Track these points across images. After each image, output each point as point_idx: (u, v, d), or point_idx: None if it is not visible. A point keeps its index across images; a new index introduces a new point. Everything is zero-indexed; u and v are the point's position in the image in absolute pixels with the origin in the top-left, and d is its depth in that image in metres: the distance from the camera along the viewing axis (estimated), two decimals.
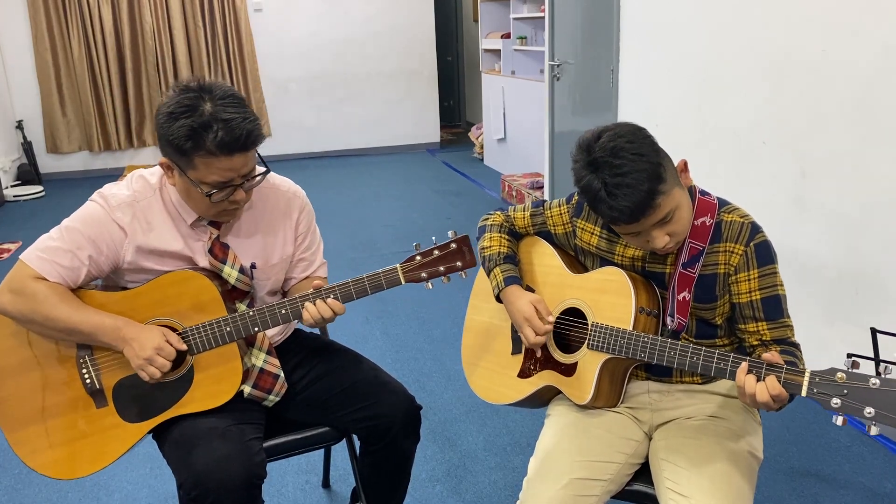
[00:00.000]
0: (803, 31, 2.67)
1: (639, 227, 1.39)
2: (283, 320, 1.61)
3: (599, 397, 1.54)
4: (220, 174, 1.49)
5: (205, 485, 1.47)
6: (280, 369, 1.72)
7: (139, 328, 1.56)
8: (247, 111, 1.48)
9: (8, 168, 6.84)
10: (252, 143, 1.49)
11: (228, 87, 1.50)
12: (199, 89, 1.47)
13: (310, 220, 1.82)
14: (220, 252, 1.65)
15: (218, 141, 1.44)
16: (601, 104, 4.22)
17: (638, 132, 1.39)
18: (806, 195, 2.76)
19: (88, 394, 1.60)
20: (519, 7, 6.31)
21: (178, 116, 1.44)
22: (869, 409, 1.16)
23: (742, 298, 1.47)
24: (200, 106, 1.45)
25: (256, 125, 1.49)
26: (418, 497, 2.29)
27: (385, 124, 8.31)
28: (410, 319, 3.67)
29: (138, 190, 1.62)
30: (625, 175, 1.33)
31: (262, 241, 1.72)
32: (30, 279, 1.54)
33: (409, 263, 1.62)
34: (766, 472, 2.36)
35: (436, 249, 1.62)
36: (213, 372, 1.61)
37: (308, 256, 1.83)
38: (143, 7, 7.15)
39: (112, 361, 1.60)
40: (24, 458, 1.59)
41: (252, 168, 1.55)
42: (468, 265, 1.62)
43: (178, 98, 1.47)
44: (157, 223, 1.61)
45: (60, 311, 1.53)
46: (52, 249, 1.56)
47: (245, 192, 1.56)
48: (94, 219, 1.58)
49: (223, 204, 1.55)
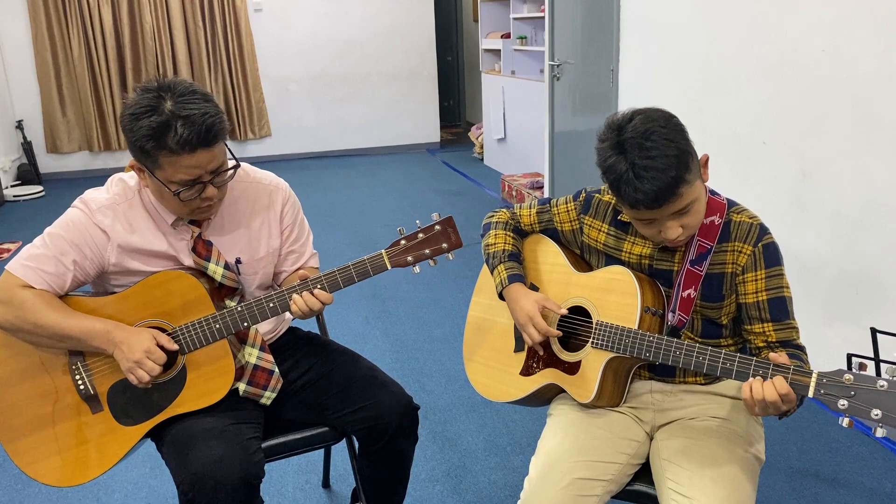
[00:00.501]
0: (803, 31, 2.67)
1: (657, 214, 1.39)
2: (271, 313, 1.61)
3: (602, 396, 1.54)
4: (187, 172, 1.47)
5: (202, 485, 1.47)
6: (274, 364, 1.72)
7: (129, 331, 1.55)
8: (208, 106, 1.46)
9: (8, 168, 6.83)
10: (214, 139, 1.47)
11: (189, 83, 1.49)
12: (158, 88, 1.46)
13: (295, 211, 1.81)
14: (204, 249, 1.65)
15: (179, 139, 1.43)
16: (601, 104, 4.22)
17: (671, 118, 1.39)
18: (806, 195, 2.76)
19: (83, 400, 1.60)
20: (519, 7, 6.31)
21: (139, 117, 1.44)
22: (876, 412, 1.16)
23: (749, 299, 1.47)
24: (161, 105, 1.44)
25: (217, 119, 1.47)
26: (418, 497, 2.29)
27: (385, 124, 8.30)
28: (410, 319, 3.67)
29: (118, 193, 1.62)
30: (653, 159, 1.33)
31: (246, 236, 1.72)
32: (16, 288, 1.54)
33: (394, 248, 1.61)
34: (766, 472, 2.35)
35: (420, 232, 1.61)
36: (205, 370, 1.61)
37: (297, 248, 1.82)
38: (143, 7, 7.14)
39: (104, 366, 1.60)
40: (23, 469, 1.59)
41: (221, 163, 1.53)
42: (454, 246, 1.61)
43: (138, 98, 1.46)
44: (138, 224, 1.61)
45: (49, 318, 1.52)
46: (37, 257, 1.56)
47: (216, 188, 1.54)
48: (76, 224, 1.58)
49: (195, 202, 1.54)
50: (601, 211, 1.63)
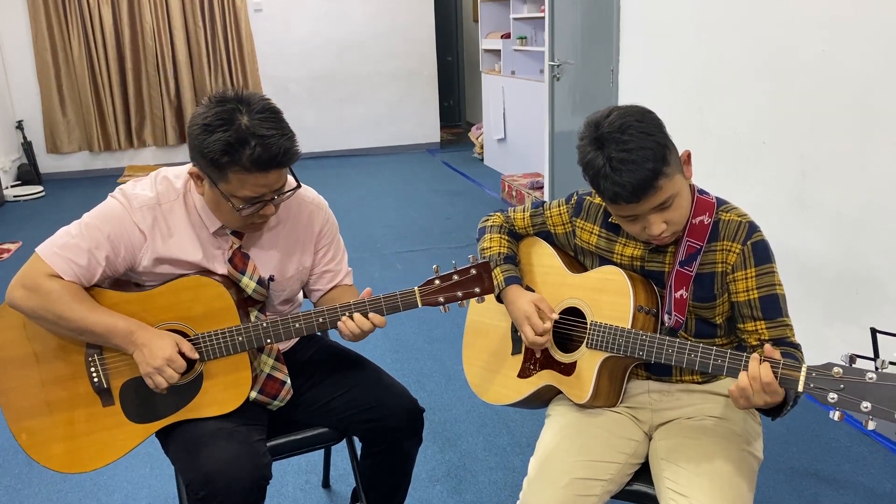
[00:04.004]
0: (803, 31, 2.67)
1: (638, 209, 1.39)
2: (296, 334, 1.60)
3: (598, 396, 1.54)
4: (253, 189, 1.47)
5: (213, 485, 1.47)
6: (287, 376, 1.72)
7: (152, 333, 1.54)
8: (284, 127, 1.45)
9: (8, 168, 6.84)
10: (288, 161, 1.46)
11: (266, 99, 1.47)
12: (236, 100, 1.43)
13: (333, 232, 1.79)
14: (241, 262, 1.63)
15: (255, 157, 1.41)
16: (601, 104, 4.19)
17: (647, 113, 1.40)
18: (806, 195, 2.76)
19: (95, 392, 1.60)
20: (519, 7, 6.31)
21: (214, 129, 1.41)
22: (865, 404, 1.16)
23: (740, 297, 1.47)
24: (237, 119, 1.41)
25: (293, 142, 1.46)
26: (418, 497, 2.30)
27: (385, 124, 8.30)
28: (410, 320, 3.67)
29: (162, 192, 1.59)
30: (630, 151, 1.34)
31: (282, 254, 1.70)
32: (44, 276, 1.51)
33: (428, 287, 1.58)
34: (765, 472, 2.36)
35: (455, 274, 1.57)
36: (222, 380, 1.60)
37: (333, 267, 1.80)
38: (143, 7, 7.15)
39: (121, 363, 1.60)
40: (27, 450, 1.60)
41: (284, 183, 1.53)
42: (486, 292, 1.58)
43: (214, 109, 1.43)
44: (177, 229, 1.59)
45: (74, 312, 1.51)
46: (71, 247, 1.53)
47: (276, 207, 1.55)
48: (115, 217, 1.55)
49: (253, 217, 1.54)
50: (592, 213, 1.63)
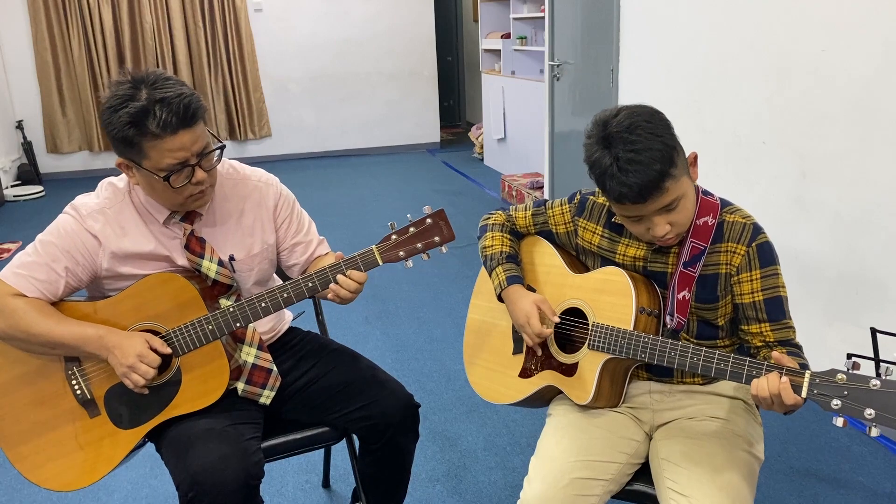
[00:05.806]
0: (803, 31, 2.67)
1: (643, 209, 1.39)
2: (263, 313, 1.60)
3: (600, 397, 1.54)
4: (172, 156, 1.48)
5: (201, 486, 1.47)
6: (272, 363, 1.72)
7: (122, 335, 1.55)
8: (183, 87, 1.48)
9: (8, 168, 6.83)
10: (193, 117, 1.48)
11: (161, 71, 1.51)
12: (132, 80, 1.48)
13: (290, 205, 1.80)
14: (198, 246, 1.64)
15: (159, 121, 1.44)
16: (601, 104, 4.22)
17: (656, 114, 1.39)
18: (806, 195, 2.76)
19: (80, 404, 1.60)
20: (519, 7, 6.31)
21: (117, 108, 1.45)
22: (869, 411, 1.15)
23: (745, 299, 1.46)
24: (137, 94, 1.45)
25: (194, 98, 1.48)
26: (418, 497, 2.29)
27: (385, 124, 8.30)
28: (410, 319, 3.67)
29: (108, 197, 1.62)
30: (638, 152, 1.33)
31: (239, 232, 1.71)
32: (8, 297, 1.54)
33: (385, 243, 1.60)
34: (766, 472, 2.36)
35: (411, 226, 1.59)
36: (199, 372, 1.61)
37: (301, 238, 1.81)
38: (143, 7, 7.14)
39: (101, 371, 1.60)
40: (25, 475, 1.60)
41: (205, 145, 1.53)
42: (446, 239, 1.59)
43: (114, 92, 1.47)
44: (129, 226, 1.61)
45: (41, 326, 1.53)
46: (28, 265, 1.56)
47: (205, 171, 1.55)
48: (67, 230, 1.58)
49: (187, 188, 1.54)
50: (595, 213, 1.63)
